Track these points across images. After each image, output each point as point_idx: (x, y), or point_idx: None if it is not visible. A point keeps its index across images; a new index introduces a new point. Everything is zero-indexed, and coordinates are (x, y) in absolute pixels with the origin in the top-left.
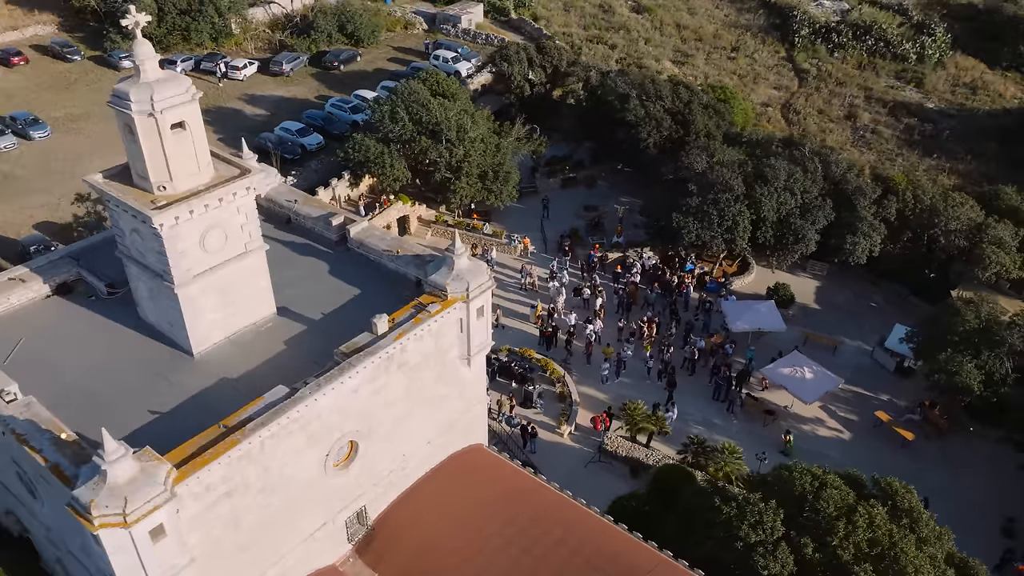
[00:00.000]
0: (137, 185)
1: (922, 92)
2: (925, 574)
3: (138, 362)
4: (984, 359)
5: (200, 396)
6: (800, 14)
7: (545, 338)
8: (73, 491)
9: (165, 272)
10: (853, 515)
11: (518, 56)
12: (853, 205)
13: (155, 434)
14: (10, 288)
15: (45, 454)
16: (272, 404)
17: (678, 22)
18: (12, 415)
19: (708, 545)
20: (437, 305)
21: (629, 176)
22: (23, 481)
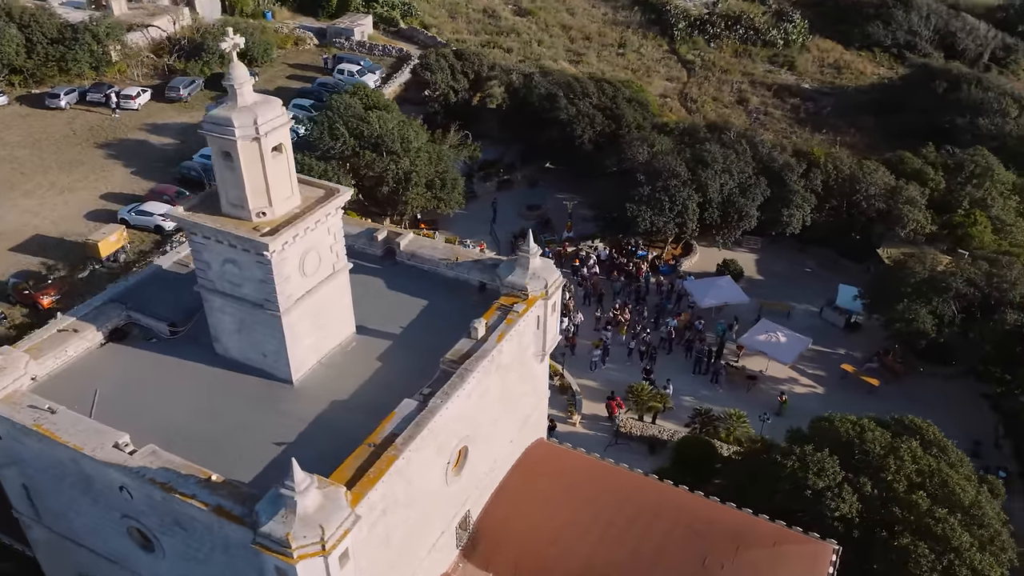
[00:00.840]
0: (229, 214)
1: (796, 74)
2: (970, 492)
3: (237, 398)
4: (934, 305)
5: (318, 421)
6: (674, 9)
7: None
8: (262, 528)
9: (268, 300)
10: (897, 451)
11: (439, 64)
12: (783, 180)
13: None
14: (64, 340)
15: (201, 498)
16: (409, 418)
17: (562, 23)
18: (143, 466)
19: (777, 499)
20: (522, 305)
21: (562, 173)
22: (137, 536)
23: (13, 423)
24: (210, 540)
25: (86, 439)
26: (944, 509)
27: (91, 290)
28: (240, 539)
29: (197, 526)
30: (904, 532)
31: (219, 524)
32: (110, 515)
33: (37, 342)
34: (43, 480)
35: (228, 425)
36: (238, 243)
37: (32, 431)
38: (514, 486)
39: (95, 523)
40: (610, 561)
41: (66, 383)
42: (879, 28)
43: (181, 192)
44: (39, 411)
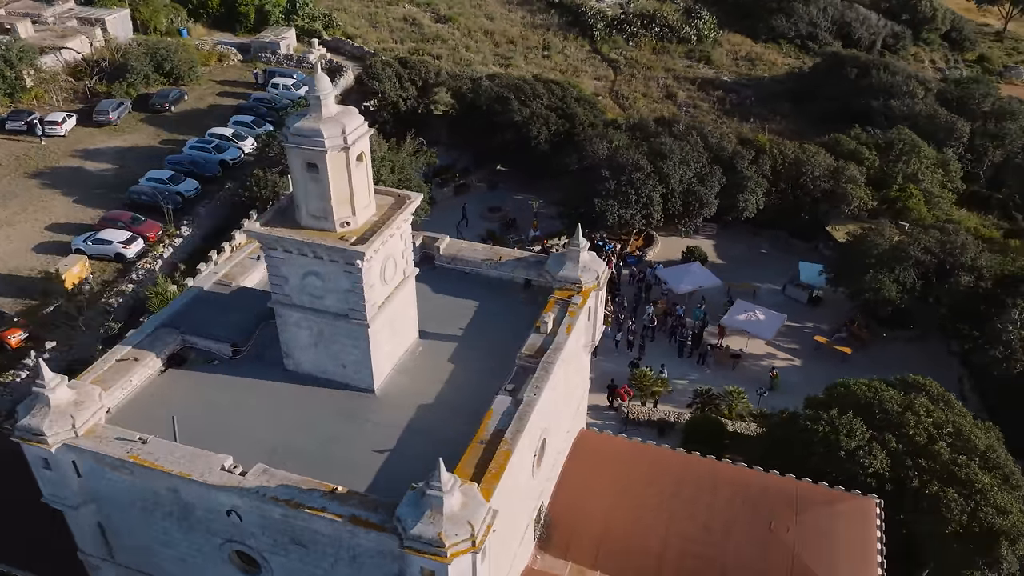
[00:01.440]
0: (310, 226)
1: (713, 68)
2: (983, 438)
3: (322, 411)
4: (896, 273)
5: (409, 426)
6: (590, 10)
7: None
8: (411, 530)
9: (353, 310)
10: (913, 407)
11: (386, 73)
12: (735, 168)
13: (403, 470)
14: (128, 369)
15: (331, 511)
16: (509, 413)
17: (483, 28)
18: (261, 485)
19: (812, 461)
20: (579, 297)
21: (516, 174)
22: (238, 561)
23: (102, 457)
24: (334, 554)
25: (190, 465)
26: (963, 456)
27: (59, 325)
28: (373, 547)
29: (321, 540)
30: (932, 481)
31: (350, 535)
32: (208, 542)
33: (100, 373)
34: (127, 515)
35: (321, 439)
36: (327, 254)
37: (126, 463)
38: (574, 475)
39: (186, 553)
40: (686, 536)
41: (137, 412)
42: (783, 21)
43: (136, 218)
44: (129, 442)
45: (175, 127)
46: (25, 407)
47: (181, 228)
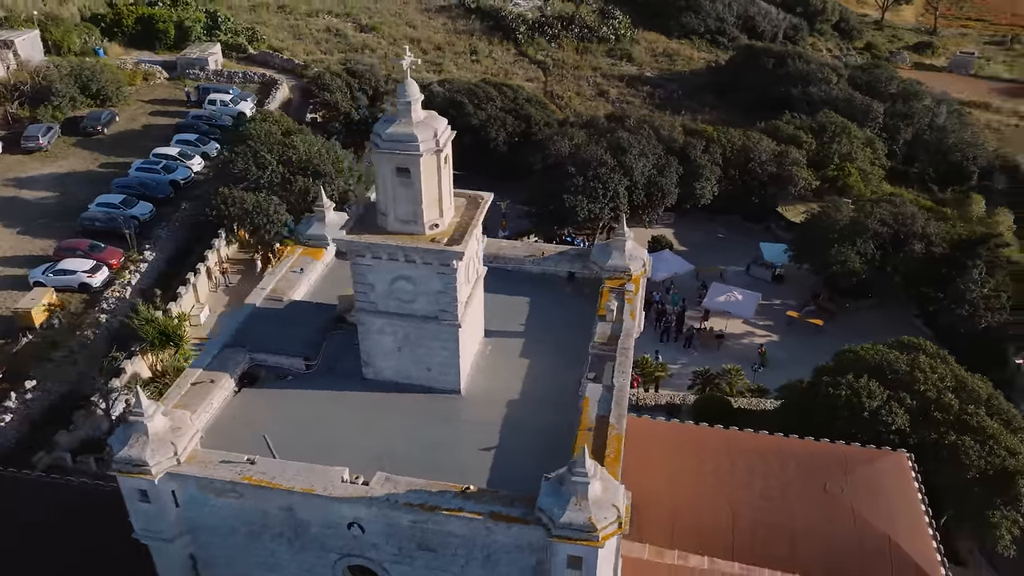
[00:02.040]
0: (398, 231)
1: (635, 65)
2: (984, 388)
3: (414, 416)
4: (858, 246)
5: (505, 422)
6: (510, 15)
7: None
8: (560, 519)
9: (444, 311)
10: (919, 365)
11: (336, 83)
12: (689, 157)
13: (511, 465)
14: (207, 392)
15: (469, 510)
16: (605, 399)
17: (407, 36)
18: (389, 493)
19: (837, 424)
20: (631, 285)
21: (470, 177)
22: (357, 573)
23: (210, 482)
24: (466, 555)
25: (308, 481)
26: (971, 405)
27: (31, 364)
28: (511, 542)
29: (452, 543)
30: (948, 432)
31: (487, 532)
32: (321, 560)
33: (179, 398)
34: (228, 543)
35: (422, 443)
36: (422, 256)
37: (237, 485)
38: (629, 458)
39: (293, 575)
40: (750, 506)
41: (222, 435)
42: (692, 18)
43: (95, 245)
44: (237, 464)
45: (111, 150)
46: (119, 439)
47: (144, 252)
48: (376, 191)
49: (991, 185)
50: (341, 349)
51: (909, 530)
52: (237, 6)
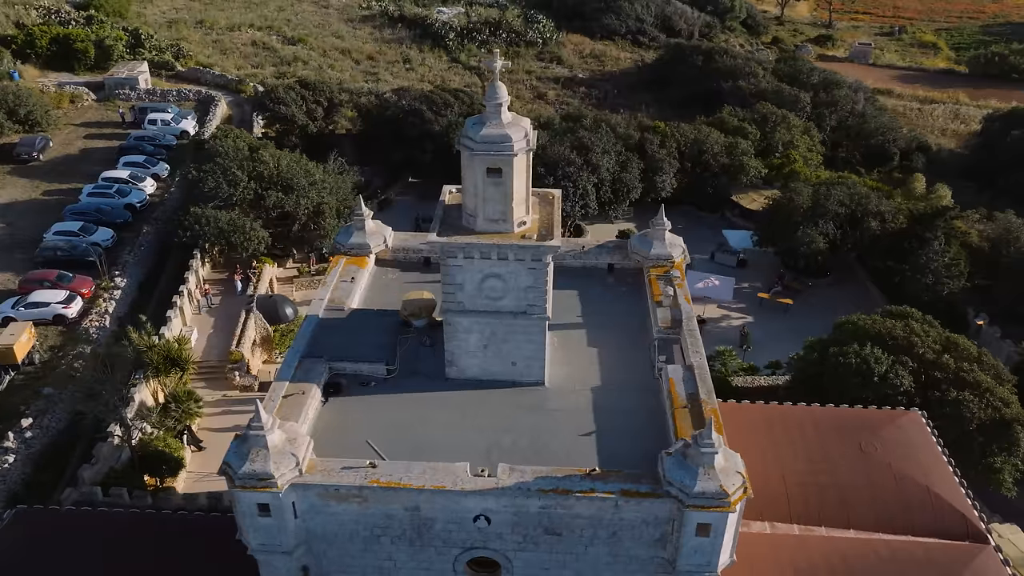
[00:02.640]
0: (486, 230)
1: (566, 67)
2: (972, 345)
3: (508, 409)
4: (820, 227)
5: (595, 407)
6: (437, 22)
7: None
8: (694, 489)
9: (532, 306)
10: (914, 330)
11: (290, 96)
12: (647, 152)
13: (614, 446)
14: (302, 403)
15: (600, 490)
16: (688, 378)
17: (335, 47)
18: (519, 482)
19: (850, 390)
20: (675, 271)
21: (432, 185)
22: (467, 571)
23: (335, 488)
24: (591, 535)
25: (437, 478)
26: (965, 363)
27: (15, 403)
28: (639, 517)
29: (578, 524)
30: (949, 389)
31: (615, 510)
32: (441, 557)
33: (276, 411)
34: (345, 549)
35: (522, 433)
36: (516, 253)
37: (363, 489)
38: None
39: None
40: (798, 471)
41: (324, 444)
42: (613, 19)
43: (63, 275)
44: (359, 469)
45: (51, 176)
46: (237, 455)
47: (115, 279)
48: (463, 193)
49: (911, 164)
50: (413, 352)
51: (942, 480)
52: (153, 22)
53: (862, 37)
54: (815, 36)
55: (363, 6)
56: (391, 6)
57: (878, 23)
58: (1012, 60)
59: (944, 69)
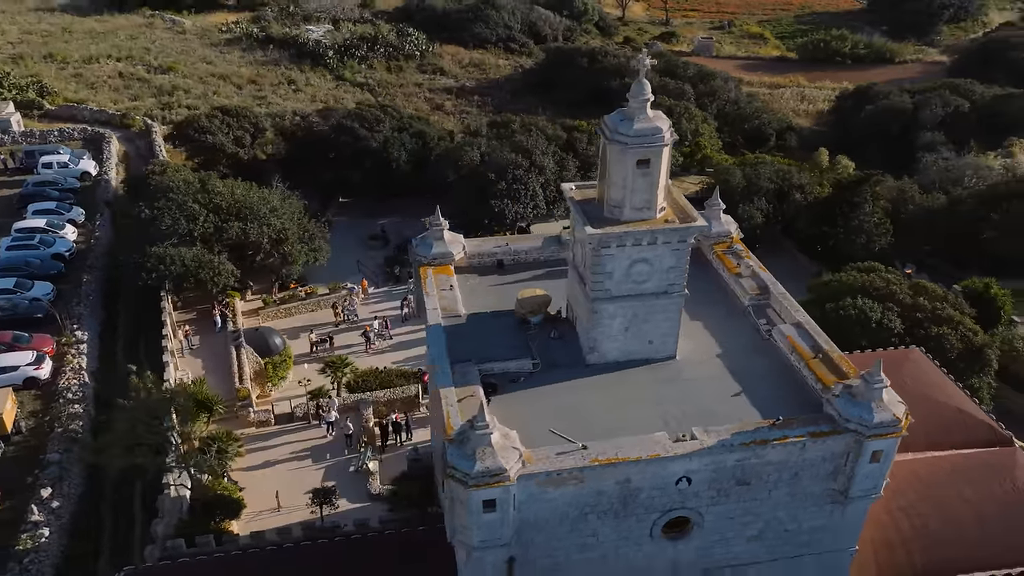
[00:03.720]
0: (632, 219)
1: (450, 77)
2: (937, 288)
3: (658, 385)
4: (756, 204)
5: (729, 371)
6: (309, 42)
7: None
8: (873, 421)
9: (672, 285)
10: (889, 280)
11: (216, 125)
12: (576, 149)
13: (765, 400)
14: (475, 404)
15: (792, 435)
16: (804, 333)
17: (210, 73)
18: (719, 440)
19: (852, 339)
20: (738, 245)
21: (366, 203)
22: (663, 532)
23: (558, 474)
24: (776, 479)
25: (647, 448)
26: (936, 302)
27: (19, 475)
28: (819, 455)
29: (766, 471)
30: (930, 326)
31: (800, 452)
32: (640, 524)
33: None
34: (553, 533)
35: (681, 402)
36: (667, 237)
37: (584, 469)
38: None
39: (607, 549)
40: None
41: None
42: (483, 28)
43: (19, 336)
44: (574, 452)
45: None
46: (462, 457)
47: (76, 333)
48: (608, 186)
49: (786, 143)
50: (544, 346)
51: (963, 400)
52: None
53: (698, 33)
54: (659, 34)
55: (223, 29)
56: (254, 28)
57: (707, 18)
58: (834, 45)
59: (778, 57)
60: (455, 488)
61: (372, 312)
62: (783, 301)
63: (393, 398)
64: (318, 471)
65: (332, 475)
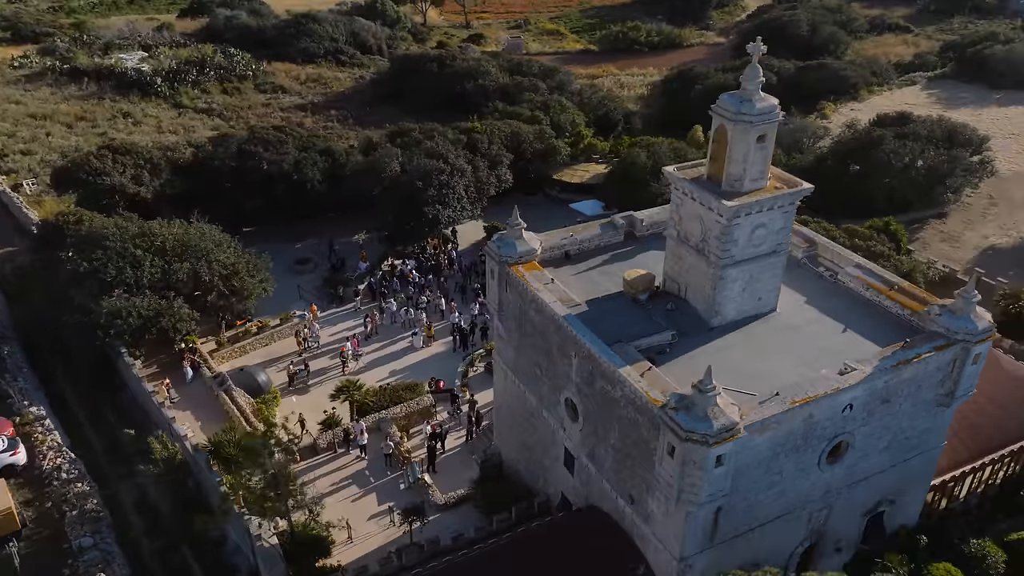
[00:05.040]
0: (750, 189)
1: (293, 94)
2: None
3: (778, 333)
4: (663, 180)
5: (826, 312)
6: (128, 70)
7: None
8: (979, 328)
9: (780, 244)
10: (829, 231)
11: (107, 164)
12: (479, 150)
13: (866, 331)
14: (658, 375)
15: (924, 352)
16: (871, 273)
17: (26, 113)
18: (874, 368)
19: None
20: None
21: (283, 225)
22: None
23: (769, 422)
24: (906, 392)
25: (827, 384)
26: (867, 240)
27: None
28: (934, 367)
29: (902, 386)
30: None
31: (925, 366)
32: (813, 454)
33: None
34: (750, 477)
35: (799, 346)
36: (784, 201)
37: (788, 412)
38: None
39: (786, 484)
40: None
41: None
42: (309, 43)
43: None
44: (772, 399)
45: None
46: (695, 419)
47: (31, 410)
48: (728, 162)
49: (631, 127)
50: (664, 318)
51: None
52: None
53: (499, 33)
54: (468, 36)
55: (14, 65)
56: (55, 61)
57: (502, 19)
58: (631, 35)
59: (583, 49)
60: (691, 450)
61: (330, 335)
62: (833, 248)
63: (409, 411)
64: (369, 495)
65: (386, 495)
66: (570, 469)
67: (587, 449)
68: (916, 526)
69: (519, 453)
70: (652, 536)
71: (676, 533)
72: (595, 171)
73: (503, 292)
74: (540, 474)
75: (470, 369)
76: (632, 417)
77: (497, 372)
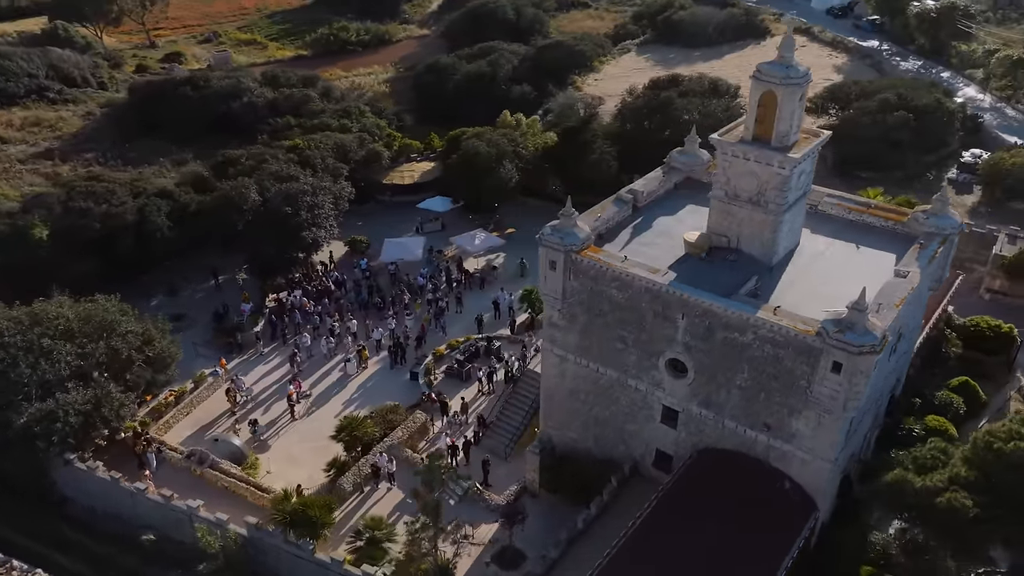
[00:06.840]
0: (796, 141)
1: (13, 144)
2: None
3: (819, 260)
4: (506, 167)
5: (836, 243)
6: None
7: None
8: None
9: (808, 185)
10: None
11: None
12: (316, 168)
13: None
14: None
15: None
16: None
17: None
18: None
19: None
20: None
21: (131, 279)
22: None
23: (890, 328)
24: (922, 284)
25: (905, 289)
26: None
27: None
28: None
29: (924, 281)
30: None
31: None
32: (888, 347)
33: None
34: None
35: (839, 264)
36: (815, 151)
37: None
38: None
39: (876, 378)
40: None
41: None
42: (7, 83)
43: None
44: (886, 310)
45: None
46: (859, 334)
47: None
48: (778, 122)
49: (404, 124)
50: (730, 268)
51: None
52: None
53: (194, 49)
54: (164, 56)
55: None
56: None
57: (181, 34)
58: (341, 36)
59: (296, 56)
60: (859, 361)
61: (252, 383)
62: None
63: (410, 431)
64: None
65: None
66: (671, 424)
67: (700, 398)
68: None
69: (585, 431)
70: (798, 451)
71: (831, 441)
72: (420, 169)
73: (567, 281)
74: (619, 441)
75: (431, 379)
76: (771, 354)
77: (549, 361)
